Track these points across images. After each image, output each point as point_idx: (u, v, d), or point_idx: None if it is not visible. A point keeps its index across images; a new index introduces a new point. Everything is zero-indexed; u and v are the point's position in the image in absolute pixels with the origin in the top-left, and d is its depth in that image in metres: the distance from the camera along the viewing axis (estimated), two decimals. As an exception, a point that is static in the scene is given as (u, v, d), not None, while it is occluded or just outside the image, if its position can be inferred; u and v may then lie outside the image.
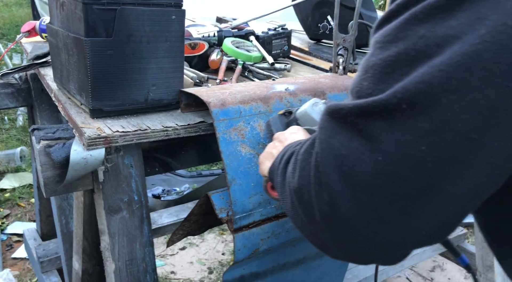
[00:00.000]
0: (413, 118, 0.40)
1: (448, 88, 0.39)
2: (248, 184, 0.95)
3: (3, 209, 2.61)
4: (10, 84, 1.36)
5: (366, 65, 0.45)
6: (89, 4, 0.86)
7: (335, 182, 0.44)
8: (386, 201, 0.42)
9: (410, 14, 0.42)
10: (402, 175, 0.41)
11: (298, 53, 1.69)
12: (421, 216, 0.42)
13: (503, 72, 0.38)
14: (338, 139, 0.44)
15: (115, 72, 0.92)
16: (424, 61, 0.40)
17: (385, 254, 0.45)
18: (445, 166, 0.40)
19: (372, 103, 0.42)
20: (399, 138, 0.41)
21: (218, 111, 0.93)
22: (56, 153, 0.88)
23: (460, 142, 0.39)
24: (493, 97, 0.38)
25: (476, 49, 0.38)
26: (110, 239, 0.96)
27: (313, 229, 0.49)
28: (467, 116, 0.39)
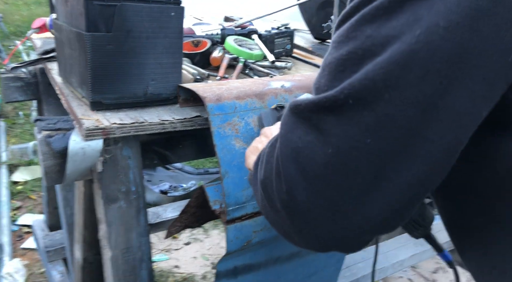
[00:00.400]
0: (359, 113, 0.43)
1: (389, 85, 0.41)
2: (241, 177, 0.97)
3: (15, 201, 2.69)
4: (19, 78, 1.41)
5: (323, 64, 0.48)
6: (90, 0, 0.89)
7: (292, 172, 0.47)
8: (338, 191, 0.44)
9: (359, 16, 0.45)
10: (350, 166, 0.43)
11: (301, 52, 1.71)
12: (371, 204, 0.44)
13: (436, 70, 0.40)
14: (296, 133, 0.47)
15: (115, 67, 0.95)
16: (370, 59, 0.42)
17: (342, 242, 0.48)
18: (389, 157, 0.42)
19: (323, 99, 0.45)
20: (347, 132, 0.43)
21: (213, 106, 0.96)
22: (55, 142, 0.91)
23: (402, 134, 0.42)
24: (430, 93, 0.40)
25: (413, 49, 0.40)
26: (107, 227, 1.00)
27: (276, 218, 0.52)
28: (407, 110, 0.41)
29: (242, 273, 1.11)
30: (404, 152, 0.42)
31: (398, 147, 0.42)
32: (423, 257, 1.77)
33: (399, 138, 0.42)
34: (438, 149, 0.42)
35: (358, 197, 0.44)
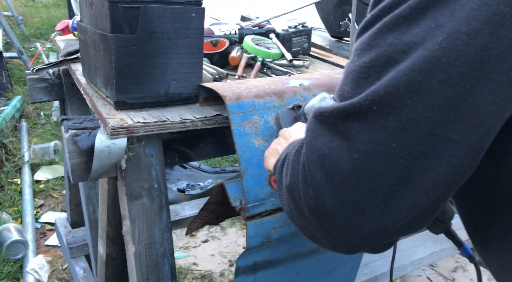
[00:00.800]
0: (384, 118, 0.44)
1: (412, 90, 0.42)
2: (261, 174, 0.99)
3: (38, 199, 2.76)
4: (44, 79, 1.46)
5: (346, 71, 0.50)
6: (115, 3, 0.92)
7: (319, 179, 0.48)
8: (365, 195, 0.46)
9: (381, 24, 0.46)
10: (377, 170, 0.45)
11: (318, 50, 1.72)
12: (398, 206, 0.45)
13: (460, 74, 0.41)
14: (321, 140, 0.49)
15: (138, 67, 0.98)
16: (393, 66, 0.44)
17: (370, 244, 0.49)
18: (414, 159, 0.44)
19: (348, 106, 0.47)
20: (372, 137, 0.45)
21: (233, 105, 0.98)
22: (82, 141, 0.95)
23: (426, 137, 0.43)
24: (453, 97, 0.42)
25: (435, 55, 0.42)
26: (131, 223, 1.02)
27: (304, 223, 0.54)
28: (430, 114, 0.42)
29: (262, 269, 1.13)
30: (429, 154, 0.43)
31: (423, 149, 0.43)
32: (442, 255, 1.76)
33: (424, 142, 0.43)
34: (463, 150, 0.43)
35: (384, 200, 0.45)
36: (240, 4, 3.71)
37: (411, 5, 0.44)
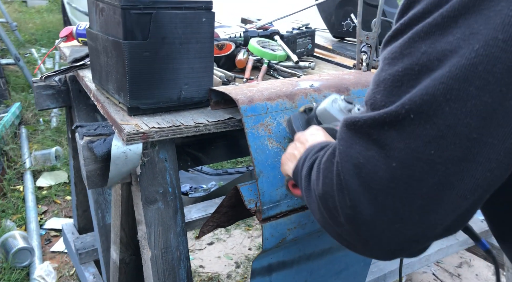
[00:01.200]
0: (421, 126, 0.45)
1: (450, 98, 0.43)
2: (275, 176, 1.00)
3: (41, 205, 2.75)
4: (51, 86, 1.46)
5: (377, 80, 0.50)
6: (127, 9, 0.93)
7: (356, 188, 0.49)
8: (404, 202, 0.46)
9: (413, 33, 0.47)
10: (415, 177, 0.46)
11: (322, 51, 1.73)
12: (437, 211, 0.46)
13: (497, 80, 0.42)
14: (356, 149, 0.49)
15: (151, 72, 0.98)
16: (427, 74, 0.45)
17: (408, 249, 0.50)
18: (452, 165, 0.45)
19: (384, 115, 0.47)
20: (410, 145, 0.45)
21: (246, 108, 0.99)
22: (98, 147, 0.95)
23: (464, 143, 0.44)
24: (490, 102, 0.43)
25: (472, 63, 0.42)
26: (147, 228, 1.03)
27: (339, 231, 0.54)
28: (468, 120, 0.43)
29: (276, 270, 1.14)
30: (468, 159, 0.44)
31: (461, 155, 0.44)
32: (449, 251, 1.77)
33: (462, 147, 0.44)
34: (500, 152, 0.44)
35: (423, 206, 0.46)
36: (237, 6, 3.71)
37: (443, 13, 0.45)
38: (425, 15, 0.46)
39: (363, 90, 1.15)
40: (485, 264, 2.30)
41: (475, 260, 2.32)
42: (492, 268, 2.29)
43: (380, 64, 0.51)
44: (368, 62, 1.25)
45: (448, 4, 0.45)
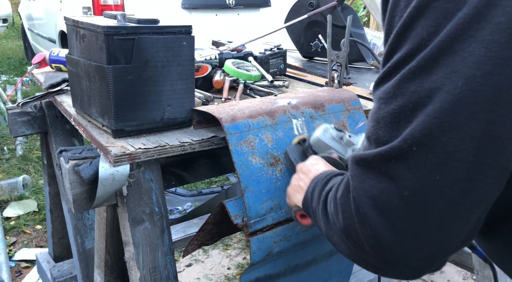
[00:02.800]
0: (424, 157, 0.51)
1: (444, 129, 0.50)
2: (260, 190, 1.03)
3: (10, 236, 2.65)
4: (26, 113, 1.45)
5: (376, 117, 0.56)
6: (110, 35, 0.96)
7: (375, 218, 0.54)
8: (420, 225, 0.52)
9: (401, 75, 0.53)
10: (426, 201, 0.52)
11: (293, 70, 1.80)
12: (450, 228, 0.53)
13: (481, 109, 0.49)
14: (369, 183, 0.55)
15: (135, 95, 1.01)
16: (420, 110, 0.51)
17: (431, 265, 0.56)
18: (457, 186, 0.51)
19: (389, 150, 0.53)
20: (417, 174, 0.51)
21: (229, 126, 1.03)
22: (84, 170, 0.96)
23: (463, 165, 0.50)
24: (479, 128, 0.49)
25: (458, 97, 0.49)
26: (135, 249, 1.04)
27: (364, 258, 0.59)
28: (464, 146, 0.50)
29: (263, 284, 1.16)
30: (469, 179, 0.51)
31: (463, 176, 0.50)
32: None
33: (462, 169, 0.50)
34: (495, 170, 0.51)
35: (438, 225, 0.52)
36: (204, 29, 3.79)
37: (424, 56, 0.51)
38: (409, 58, 0.53)
39: (337, 105, 1.21)
40: (456, 269, 2.40)
41: (447, 266, 2.41)
42: (462, 273, 2.39)
43: (376, 104, 0.57)
44: (339, 80, 1.32)
45: (427, 48, 0.51)
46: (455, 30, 0.49)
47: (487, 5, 0.48)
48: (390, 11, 0.57)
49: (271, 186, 1.05)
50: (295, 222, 1.10)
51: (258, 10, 4.21)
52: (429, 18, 0.51)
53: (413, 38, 0.53)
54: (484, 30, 0.48)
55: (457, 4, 0.50)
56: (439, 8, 0.51)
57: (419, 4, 0.52)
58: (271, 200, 1.05)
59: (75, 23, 1.08)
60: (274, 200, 1.05)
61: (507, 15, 0.47)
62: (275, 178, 1.06)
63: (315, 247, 1.23)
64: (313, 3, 1.83)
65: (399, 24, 0.54)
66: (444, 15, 0.50)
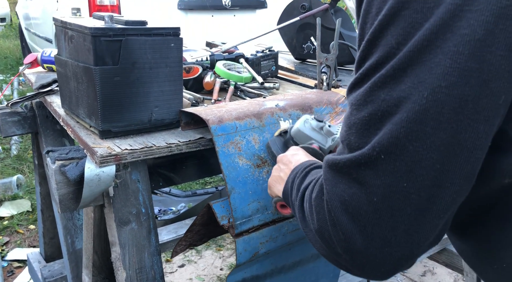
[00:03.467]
0: (392, 164, 0.52)
1: (411, 138, 0.51)
2: (247, 192, 1.04)
3: (2, 236, 2.65)
4: (16, 113, 1.45)
5: (349, 123, 0.58)
6: (98, 37, 0.96)
7: (346, 222, 0.56)
8: (389, 229, 0.54)
9: (371, 83, 0.55)
10: (395, 207, 0.53)
11: (285, 72, 1.81)
12: (419, 232, 0.54)
13: (447, 119, 0.50)
14: (340, 187, 0.57)
15: (122, 96, 1.02)
16: (389, 118, 0.53)
17: (400, 267, 0.57)
18: (424, 193, 0.52)
19: (359, 157, 0.55)
20: (385, 181, 0.53)
21: (216, 127, 1.03)
22: (70, 171, 0.96)
23: (430, 173, 0.51)
24: (445, 137, 0.51)
25: (424, 107, 0.50)
26: (121, 249, 1.04)
27: (337, 258, 0.61)
28: (430, 154, 0.51)
29: (250, 285, 1.17)
30: (436, 186, 0.52)
31: (430, 183, 0.52)
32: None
33: (429, 177, 0.51)
34: (461, 177, 0.52)
35: (406, 230, 0.53)
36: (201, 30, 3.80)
37: (393, 65, 0.52)
38: (379, 66, 0.54)
39: (325, 108, 1.22)
40: (447, 271, 2.41)
41: (438, 267, 2.42)
42: (454, 275, 2.40)
43: (348, 109, 0.59)
44: (328, 82, 1.33)
45: (396, 58, 0.52)
46: (422, 41, 0.50)
47: (452, 17, 0.49)
48: (363, 17, 0.58)
49: (257, 187, 1.06)
50: (281, 223, 1.11)
51: (254, 11, 4.22)
52: (398, 27, 0.52)
53: (383, 46, 0.54)
54: (449, 41, 0.49)
55: (424, 14, 0.50)
56: (407, 17, 0.51)
57: (389, 13, 0.53)
58: (257, 201, 1.06)
59: (63, 24, 1.09)
60: (260, 201, 1.06)
61: (471, 27, 0.48)
62: (261, 179, 1.07)
63: (302, 248, 1.23)
64: (306, 5, 1.84)
65: (370, 31, 0.55)
66: (412, 24, 0.51)
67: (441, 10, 0.49)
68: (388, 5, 0.53)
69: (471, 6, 0.48)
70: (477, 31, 0.48)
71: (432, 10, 0.50)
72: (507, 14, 0.47)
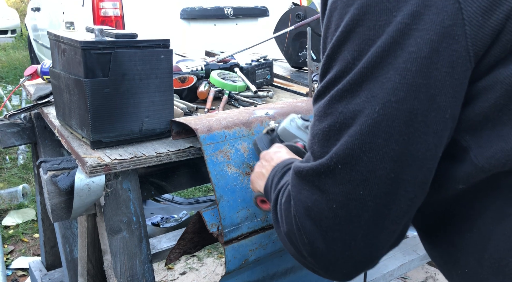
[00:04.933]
0: (348, 174, 0.55)
1: (365, 150, 0.54)
2: (235, 200, 1.05)
3: (8, 245, 2.68)
4: (15, 124, 1.48)
5: (313, 132, 0.61)
6: (88, 50, 0.99)
7: (309, 227, 0.58)
8: (349, 234, 0.56)
9: (330, 96, 0.57)
10: (353, 213, 0.55)
11: (281, 80, 1.83)
12: (377, 237, 0.57)
13: (397, 131, 0.53)
14: (304, 194, 0.60)
15: (112, 107, 1.04)
16: (346, 130, 0.55)
17: (362, 269, 0.60)
18: (380, 200, 0.55)
19: (319, 166, 0.57)
20: (343, 189, 0.56)
21: (205, 136, 1.05)
22: (61, 181, 0.99)
23: (385, 181, 0.54)
24: (397, 149, 0.53)
25: (376, 121, 0.53)
26: (112, 257, 1.06)
27: (304, 261, 0.64)
28: (384, 164, 0.53)
29: (242, 292, 1.17)
30: (390, 193, 0.54)
31: (385, 191, 0.54)
32: (412, 266, 1.85)
33: (384, 185, 0.54)
34: (414, 185, 0.55)
35: (365, 234, 0.56)
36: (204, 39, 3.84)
37: (349, 80, 0.55)
38: (337, 80, 0.56)
39: (315, 116, 1.23)
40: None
41: (440, 274, 2.40)
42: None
43: (313, 119, 0.61)
44: (319, 90, 1.34)
45: (352, 72, 0.55)
46: (375, 57, 0.53)
47: (402, 35, 0.51)
48: (324, 32, 0.61)
49: (246, 195, 1.07)
50: (271, 230, 1.12)
51: (256, 20, 4.25)
52: (354, 43, 0.55)
53: (340, 61, 0.56)
54: (399, 58, 0.51)
55: (377, 31, 0.53)
56: (361, 34, 0.54)
57: (345, 29, 0.56)
58: (246, 208, 1.07)
59: (56, 38, 1.12)
60: (249, 209, 1.07)
61: (417, 45, 0.51)
62: (250, 187, 1.08)
63: (294, 256, 1.24)
64: (300, 14, 1.86)
65: (329, 46, 0.58)
66: (366, 41, 0.54)
67: (391, 29, 0.52)
68: (344, 21, 0.56)
69: (418, 25, 0.51)
70: (423, 49, 0.50)
71: (384, 28, 0.52)
72: (449, 33, 0.50)
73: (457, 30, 0.50)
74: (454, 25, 0.50)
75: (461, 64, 0.51)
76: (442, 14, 0.50)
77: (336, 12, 0.58)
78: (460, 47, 0.50)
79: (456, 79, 0.51)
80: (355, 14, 0.54)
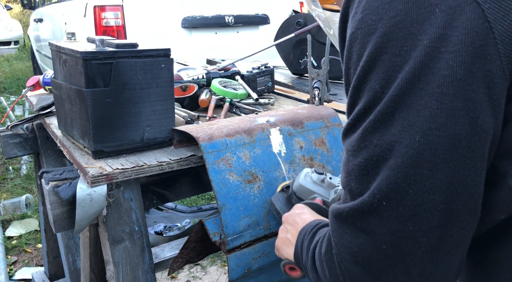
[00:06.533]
0: (395, 210, 0.52)
1: (410, 182, 0.51)
2: (238, 208, 1.05)
3: (11, 256, 2.68)
4: (18, 135, 1.49)
5: (347, 169, 0.58)
6: (89, 60, 0.99)
7: (358, 274, 0.55)
8: (403, 274, 0.53)
9: (363, 129, 0.55)
10: (405, 252, 0.52)
11: (282, 87, 1.83)
12: (433, 273, 0.53)
13: (442, 159, 0.50)
14: (347, 238, 0.56)
15: (114, 117, 1.04)
16: (384, 163, 0.53)
17: None
18: (432, 234, 0.52)
19: (361, 205, 0.54)
20: (391, 227, 0.53)
21: (207, 145, 1.05)
22: (63, 191, 0.98)
23: (435, 214, 0.51)
24: (444, 178, 0.51)
25: (418, 151, 0.51)
26: (115, 268, 1.05)
27: None
28: (432, 196, 0.51)
29: (246, 301, 1.16)
30: (442, 226, 0.52)
31: (436, 224, 0.52)
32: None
33: (434, 218, 0.51)
34: (465, 214, 0.52)
35: (421, 273, 0.53)
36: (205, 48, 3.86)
37: (380, 110, 0.53)
38: (368, 111, 0.55)
39: (316, 122, 1.23)
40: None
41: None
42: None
43: (345, 155, 0.59)
44: (320, 97, 1.34)
45: (382, 102, 0.53)
46: (405, 84, 0.51)
47: (431, 59, 0.50)
48: (345, 63, 0.59)
49: (248, 203, 1.07)
50: (274, 238, 1.11)
51: (257, 27, 4.27)
52: (380, 71, 0.53)
53: (368, 91, 0.54)
54: (432, 83, 0.50)
55: (403, 57, 0.51)
56: (387, 61, 0.52)
57: (369, 58, 0.54)
58: (248, 217, 1.06)
59: (58, 48, 1.13)
60: (252, 217, 1.07)
61: (450, 68, 0.49)
62: (252, 194, 1.08)
63: (297, 264, 1.23)
64: (301, 21, 1.87)
65: (355, 78, 0.56)
66: (393, 68, 0.52)
67: (419, 53, 0.50)
68: (367, 51, 0.54)
69: (447, 47, 0.49)
70: (457, 71, 0.49)
71: (410, 53, 0.51)
72: (482, 53, 0.49)
73: (489, 50, 0.49)
74: (486, 45, 0.49)
75: (497, 84, 0.50)
76: (471, 34, 0.49)
77: (357, 42, 0.56)
78: (495, 66, 0.49)
79: (495, 99, 0.50)
80: (379, 42, 0.53)
